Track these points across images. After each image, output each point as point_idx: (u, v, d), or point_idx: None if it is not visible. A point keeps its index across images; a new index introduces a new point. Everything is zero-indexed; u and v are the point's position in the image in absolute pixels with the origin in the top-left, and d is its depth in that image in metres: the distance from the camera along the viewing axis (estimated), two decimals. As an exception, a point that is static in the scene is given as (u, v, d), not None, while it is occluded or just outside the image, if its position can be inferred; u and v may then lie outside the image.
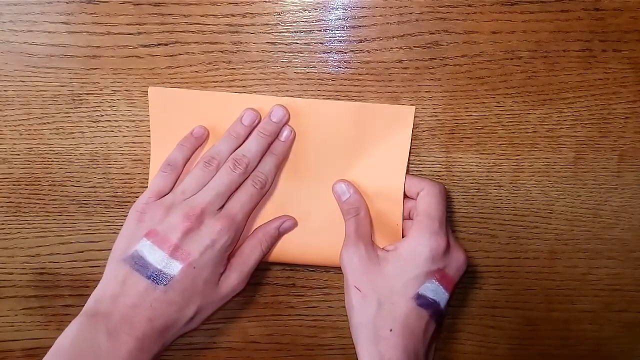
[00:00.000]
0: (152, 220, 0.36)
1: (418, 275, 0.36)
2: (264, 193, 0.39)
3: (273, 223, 0.40)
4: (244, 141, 0.38)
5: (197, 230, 0.35)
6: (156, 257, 0.35)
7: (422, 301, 0.36)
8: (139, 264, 0.35)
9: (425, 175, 0.41)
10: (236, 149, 0.38)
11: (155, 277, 0.34)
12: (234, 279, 0.37)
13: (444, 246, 0.37)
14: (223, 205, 0.37)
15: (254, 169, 0.38)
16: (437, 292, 0.37)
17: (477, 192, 0.42)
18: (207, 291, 0.36)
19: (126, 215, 0.37)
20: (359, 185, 0.40)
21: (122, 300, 0.34)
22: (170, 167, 0.38)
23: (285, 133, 0.39)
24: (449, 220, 0.42)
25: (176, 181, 0.38)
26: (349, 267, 0.37)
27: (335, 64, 0.39)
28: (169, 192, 0.37)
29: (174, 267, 0.35)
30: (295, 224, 0.41)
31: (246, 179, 0.38)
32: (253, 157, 0.37)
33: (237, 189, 0.37)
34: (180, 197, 0.36)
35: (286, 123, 0.39)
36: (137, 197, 0.38)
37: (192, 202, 0.36)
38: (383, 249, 0.38)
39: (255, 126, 0.38)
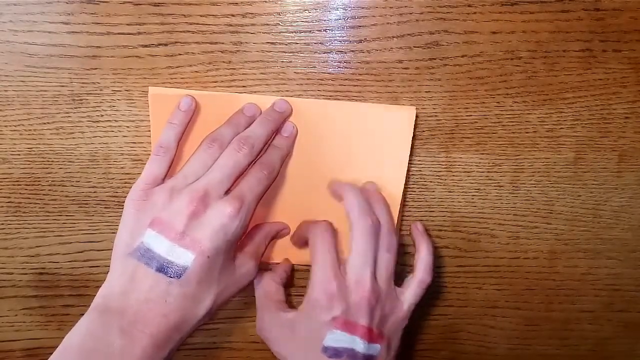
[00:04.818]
0: (154, 208, 0.33)
1: (319, 328, 0.35)
2: (272, 180, 0.37)
3: (277, 225, 0.40)
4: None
5: (204, 214, 0.33)
6: (164, 247, 0.32)
7: (331, 352, 0.34)
8: (146, 257, 0.32)
9: (425, 175, 0.41)
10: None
11: (165, 269, 0.32)
12: (251, 265, 0.36)
13: (333, 291, 0.35)
14: (229, 191, 0.34)
15: (259, 153, 0.36)
16: (343, 340, 0.34)
17: (477, 192, 0.42)
18: (223, 278, 0.34)
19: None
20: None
21: (134, 296, 0.32)
22: (163, 149, 0.35)
23: (288, 128, 0.38)
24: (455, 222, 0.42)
25: (172, 163, 0.36)
26: (266, 338, 0.38)
27: (335, 64, 0.39)
28: (165, 177, 0.35)
29: (186, 257, 0.32)
30: (288, 234, 0.41)
31: (252, 165, 0.36)
32: (258, 138, 0.36)
33: (242, 175, 0.35)
34: (183, 181, 0.34)
35: (288, 117, 0.39)
36: (137, 197, 0.38)
37: (196, 185, 0.33)
38: (295, 308, 0.38)
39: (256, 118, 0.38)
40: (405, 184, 0.41)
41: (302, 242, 0.40)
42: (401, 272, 0.42)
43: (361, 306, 0.35)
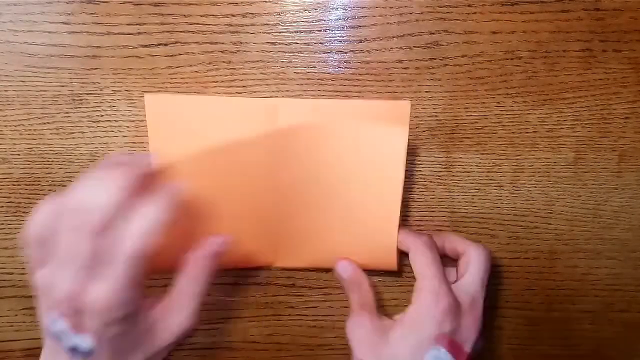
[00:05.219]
0: (46, 294, 0.30)
1: (421, 341, 0.33)
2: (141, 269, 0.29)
3: (208, 248, 0.34)
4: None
5: (84, 308, 0.28)
6: (64, 333, 0.29)
7: None
8: (55, 337, 0.30)
9: (425, 175, 0.41)
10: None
11: (74, 351, 0.29)
12: (181, 322, 0.32)
13: (446, 305, 0.34)
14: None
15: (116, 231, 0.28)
16: None
17: (477, 192, 0.42)
18: (146, 344, 0.31)
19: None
20: (353, 199, 0.38)
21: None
22: (38, 241, 0.29)
23: (169, 190, 0.31)
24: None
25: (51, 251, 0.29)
26: (353, 339, 0.37)
27: (335, 64, 0.39)
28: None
29: (87, 342, 0.29)
30: (228, 242, 0.35)
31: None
32: (109, 211, 0.28)
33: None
34: (56, 270, 0.29)
35: (156, 172, 0.32)
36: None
37: (60, 295, 0.29)
38: (392, 318, 0.37)
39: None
40: (405, 184, 0.40)
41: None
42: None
43: (472, 331, 0.34)
